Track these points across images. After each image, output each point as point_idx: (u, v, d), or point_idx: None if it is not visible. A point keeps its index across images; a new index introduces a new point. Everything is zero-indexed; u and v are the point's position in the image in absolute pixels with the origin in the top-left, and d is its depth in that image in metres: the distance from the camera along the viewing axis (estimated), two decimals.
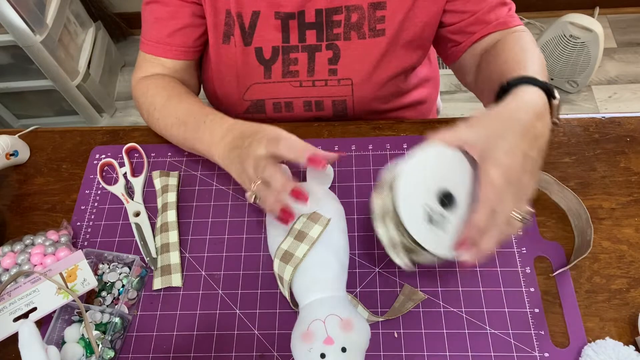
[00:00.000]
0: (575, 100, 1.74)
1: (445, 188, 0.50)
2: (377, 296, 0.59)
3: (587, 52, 1.60)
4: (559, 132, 0.70)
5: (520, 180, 0.46)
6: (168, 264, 0.63)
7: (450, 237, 0.49)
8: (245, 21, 0.67)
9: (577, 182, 0.65)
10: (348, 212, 0.64)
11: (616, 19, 1.90)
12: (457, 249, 0.49)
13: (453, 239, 0.49)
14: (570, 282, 0.58)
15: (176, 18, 0.69)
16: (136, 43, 2.04)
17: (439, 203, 0.50)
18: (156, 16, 0.71)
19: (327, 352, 0.47)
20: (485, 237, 0.47)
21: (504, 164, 0.46)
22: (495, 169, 0.46)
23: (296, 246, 0.55)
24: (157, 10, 0.70)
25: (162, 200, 0.67)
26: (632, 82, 1.76)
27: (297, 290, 0.54)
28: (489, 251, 0.47)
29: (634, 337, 0.55)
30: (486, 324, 0.56)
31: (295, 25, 0.67)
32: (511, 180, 0.46)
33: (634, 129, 0.69)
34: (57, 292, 0.57)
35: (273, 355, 0.57)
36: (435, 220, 0.49)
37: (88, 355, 0.57)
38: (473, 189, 0.51)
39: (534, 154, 0.47)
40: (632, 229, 0.62)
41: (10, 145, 0.71)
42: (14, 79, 1.58)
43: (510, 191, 0.46)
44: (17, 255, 0.61)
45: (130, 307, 0.61)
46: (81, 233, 0.67)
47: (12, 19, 1.34)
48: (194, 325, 0.59)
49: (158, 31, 0.71)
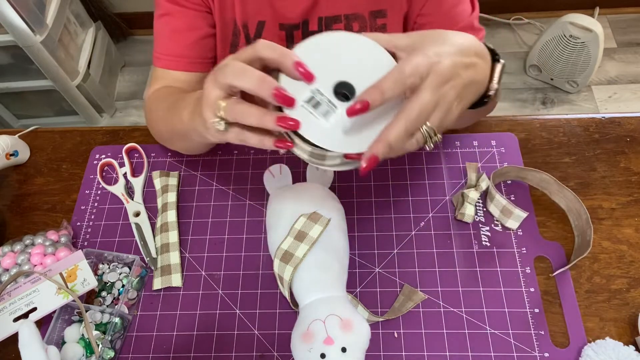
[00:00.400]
0: (575, 100, 1.74)
1: (346, 79, 0.44)
2: (377, 296, 0.59)
3: (587, 52, 1.60)
4: (559, 132, 0.70)
5: (445, 91, 0.42)
6: (168, 264, 0.63)
7: (335, 128, 0.43)
8: (251, 31, 0.67)
9: (577, 182, 0.65)
10: (348, 212, 0.64)
11: (616, 19, 1.90)
12: (350, 157, 0.43)
13: (337, 132, 0.43)
14: (570, 282, 0.58)
15: (195, 29, 0.67)
16: (136, 43, 2.05)
17: (332, 92, 0.44)
18: (172, 28, 0.68)
19: (327, 352, 0.47)
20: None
21: (431, 58, 0.41)
22: (422, 57, 0.41)
23: (296, 246, 0.55)
24: (172, 22, 0.67)
25: (162, 200, 0.67)
26: (632, 82, 1.76)
27: (297, 290, 0.54)
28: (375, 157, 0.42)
29: (634, 337, 0.55)
30: (486, 324, 0.56)
31: (299, 35, 0.68)
32: (436, 82, 0.41)
33: (634, 129, 0.69)
34: (57, 292, 0.57)
35: (273, 355, 0.57)
36: (322, 107, 0.43)
37: (88, 355, 0.57)
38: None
39: (465, 76, 0.43)
40: (632, 229, 0.62)
41: (10, 145, 0.71)
42: (14, 79, 1.58)
43: (433, 97, 0.41)
44: (17, 255, 0.61)
45: (130, 307, 0.61)
46: (81, 233, 0.67)
47: (12, 19, 1.34)
48: (194, 325, 0.59)
49: (176, 43, 0.68)
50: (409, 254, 0.61)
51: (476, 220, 0.63)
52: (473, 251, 0.61)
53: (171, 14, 0.67)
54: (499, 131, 0.70)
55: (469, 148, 0.69)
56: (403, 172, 0.68)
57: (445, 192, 0.66)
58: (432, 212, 0.64)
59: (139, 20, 1.95)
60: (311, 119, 0.43)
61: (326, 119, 0.43)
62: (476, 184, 0.65)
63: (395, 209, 0.65)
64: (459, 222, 0.63)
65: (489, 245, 0.61)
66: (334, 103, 0.43)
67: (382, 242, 0.62)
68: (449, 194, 0.65)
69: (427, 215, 0.64)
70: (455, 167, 0.67)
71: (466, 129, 0.69)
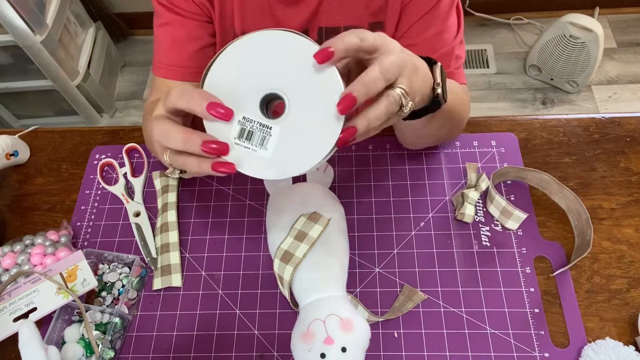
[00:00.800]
0: (575, 101, 1.74)
1: (273, 87, 0.41)
2: (377, 296, 0.59)
3: (587, 52, 1.60)
4: (559, 132, 0.70)
5: (406, 54, 0.42)
6: (168, 264, 0.63)
7: (275, 154, 0.41)
8: None
9: (577, 182, 0.65)
10: (348, 213, 0.64)
11: (616, 19, 1.90)
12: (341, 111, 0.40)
13: (279, 155, 0.41)
14: (570, 282, 0.58)
15: (195, 39, 0.66)
16: (136, 43, 2.05)
17: (261, 111, 0.41)
18: (173, 38, 0.66)
19: (327, 352, 0.47)
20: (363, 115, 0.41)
21: (392, 45, 0.42)
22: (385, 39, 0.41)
23: (296, 246, 0.55)
24: (173, 32, 0.66)
25: (162, 201, 0.67)
26: (632, 82, 1.76)
27: (297, 290, 0.54)
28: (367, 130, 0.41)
29: (634, 337, 0.55)
30: (486, 324, 0.56)
31: None
32: (398, 48, 0.41)
33: (634, 129, 0.69)
34: (57, 292, 0.57)
35: (273, 355, 0.57)
36: (256, 136, 0.41)
37: (88, 356, 0.57)
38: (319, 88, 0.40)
39: (416, 78, 0.43)
40: (632, 229, 0.62)
41: (10, 145, 0.71)
42: (14, 79, 1.58)
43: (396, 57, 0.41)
44: (17, 256, 0.61)
45: (130, 307, 0.61)
46: (81, 233, 0.67)
47: (12, 19, 1.34)
48: (194, 326, 0.59)
49: (177, 53, 0.67)
50: (409, 254, 0.61)
51: (476, 220, 0.63)
52: (473, 251, 0.61)
53: (171, 24, 0.66)
54: (499, 131, 0.70)
55: (469, 148, 0.69)
56: (403, 172, 0.68)
57: (445, 192, 0.66)
58: (432, 212, 0.64)
59: (139, 20, 1.95)
60: (249, 153, 0.41)
61: (264, 147, 0.41)
62: (476, 184, 0.65)
63: (395, 209, 0.65)
64: (459, 222, 0.63)
65: (489, 245, 0.61)
66: (266, 124, 0.41)
67: (382, 242, 0.62)
68: (448, 194, 0.65)
69: (427, 216, 0.64)
70: (455, 167, 0.67)
71: (466, 129, 0.69)
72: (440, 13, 0.60)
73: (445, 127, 0.62)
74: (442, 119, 0.55)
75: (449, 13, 0.61)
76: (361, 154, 0.70)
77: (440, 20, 0.61)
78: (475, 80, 1.80)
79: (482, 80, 1.81)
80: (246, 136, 0.41)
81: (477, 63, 1.84)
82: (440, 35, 0.62)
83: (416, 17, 0.61)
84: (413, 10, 0.61)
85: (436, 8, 0.60)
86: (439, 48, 0.62)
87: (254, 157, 0.41)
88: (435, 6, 0.60)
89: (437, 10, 0.60)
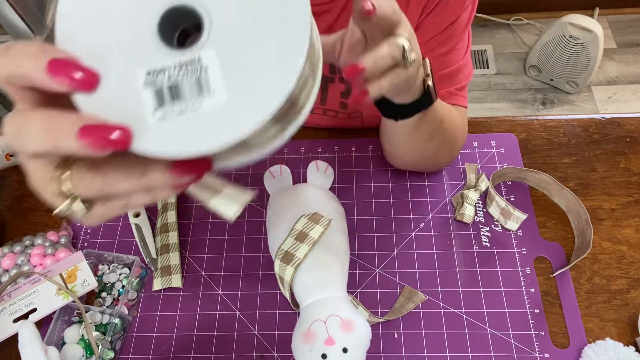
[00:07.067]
0: (575, 101, 1.74)
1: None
2: (377, 297, 0.59)
3: (587, 53, 1.60)
4: (559, 132, 0.70)
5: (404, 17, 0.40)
6: (168, 264, 0.63)
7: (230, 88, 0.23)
8: None
9: (577, 183, 0.65)
10: (348, 213, 0.64)
11: (616, 19, 1.90)
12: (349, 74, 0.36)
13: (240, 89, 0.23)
14: (570, 282, 0.58)
15: None
16: None
17: (163, 42, 0.24)
18: None
19: (328, 353, 0.47)
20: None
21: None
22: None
23: (297, 247, 0.55)
24: None
25: (162, 201, 0.67)
26: (632, 82, 1.76)
27: (298, 290, 0.54)
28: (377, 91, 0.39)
29: (634, 338, 0.55)
30: (486, 325, 0.56)
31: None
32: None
33: (634, 130, 0.69)
34: (57, 292, 0.57)
35: (273, 356, 0.57)
36: (180, 85, 0.23)
37: (88, 356, 0.57)
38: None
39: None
40: (632, 230, 0.62)
41: (10, 145, 0.71)
42: None
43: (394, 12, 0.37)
44: (16, 256, 0.61)
45: (130, 307, 0.61)
46: (81, 234, 0.67)
47: (12, 19, 1.34)
48: (194, 326, 0.59)
49: None
50: (409, 254, 0.61)
51: (476, 220, 0.63)
52: (473, 252, 0.61)
53: None
54: (499, 132, 0.70)
55: (469, 149, 0.69)
56: (403, 173, 0.68)
57: (445, 193, 0.66)
58: (432, 213, 0.64)
59: None
60: (192, 118, 0.23)
61: (207, 91, 0.23)
62: (476, 184, 0.65)
63: (395, 210, 0.65)
64: (459, 222, 0.63)
65: (489, 246, 0.61)
66: (190, 59, 0.23)
67: (382, 243, 0.62)
68: (448, 195, 0.65)
69: (427, 216, 0.64)
70: (455, 168, 0.67)
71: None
72: (452, 35, 0.60)
73: (435, 140, 0.58)
74: (432, 124, 0.54)
75: (460, 36, 0.60)
76: (361, 154, 0.70)
77: (450, 41, 0.60)
78: (475, 81, 1.80)
79: (482, 80, 1.81)
80: (171, 96, 0.23)
81: (477, 63, 1.84)
82: (448, 54, 0.61)
83: (428, 36, 0.60)
84: (426, 29, 0.60)
85: (449, 30, 0.59)
86: (444, 67, 0.61)
87: (203, 118, 0.23)
88: (449, 27, 0.59)
89: (449, 32, 0.59)
